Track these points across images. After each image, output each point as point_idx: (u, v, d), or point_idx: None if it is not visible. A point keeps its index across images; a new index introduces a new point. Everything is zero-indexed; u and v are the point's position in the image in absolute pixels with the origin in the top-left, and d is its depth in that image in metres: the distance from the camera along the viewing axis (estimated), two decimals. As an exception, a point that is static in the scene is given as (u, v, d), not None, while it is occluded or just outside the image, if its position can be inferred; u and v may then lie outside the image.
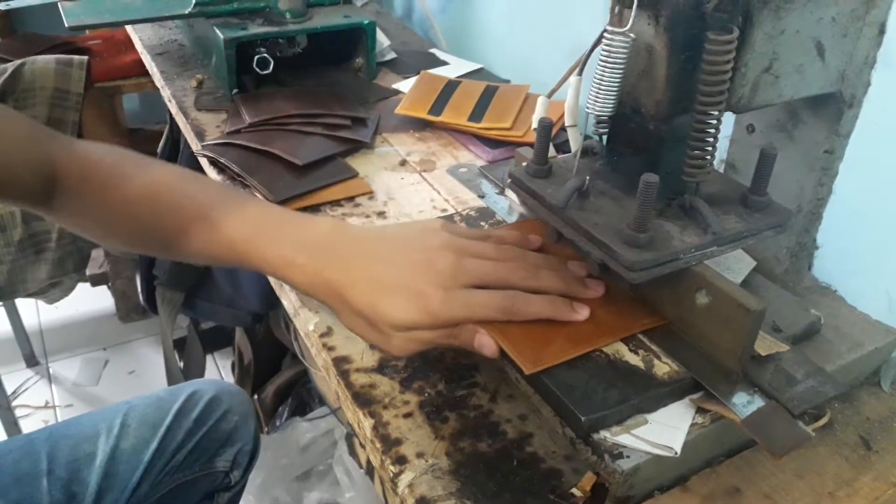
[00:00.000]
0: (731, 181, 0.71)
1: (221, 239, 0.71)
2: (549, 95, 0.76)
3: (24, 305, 2.27)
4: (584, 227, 0.64)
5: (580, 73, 0.69)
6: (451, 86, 1.25)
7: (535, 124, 0.71)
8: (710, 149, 0.62)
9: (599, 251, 0.62)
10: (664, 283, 0.63)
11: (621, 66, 0.61)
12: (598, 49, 0.63)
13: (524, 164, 0.71)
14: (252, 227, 0.70)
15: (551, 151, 0.71)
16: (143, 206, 0.75)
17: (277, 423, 1.83)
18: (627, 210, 0.64)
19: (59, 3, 1.28)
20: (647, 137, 0.65)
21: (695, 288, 0.62)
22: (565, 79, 0.72)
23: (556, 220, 0.67)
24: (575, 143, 0.72)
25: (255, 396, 1.87)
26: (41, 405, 2.20)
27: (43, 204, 0.76)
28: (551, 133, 0.70)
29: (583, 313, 0.66)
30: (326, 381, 0.75)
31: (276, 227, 0.70)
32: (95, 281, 2.30)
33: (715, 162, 0.65)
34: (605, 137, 0.70)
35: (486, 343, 0.63)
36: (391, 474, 0.62)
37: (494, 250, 0.68)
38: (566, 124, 0.72)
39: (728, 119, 0.66)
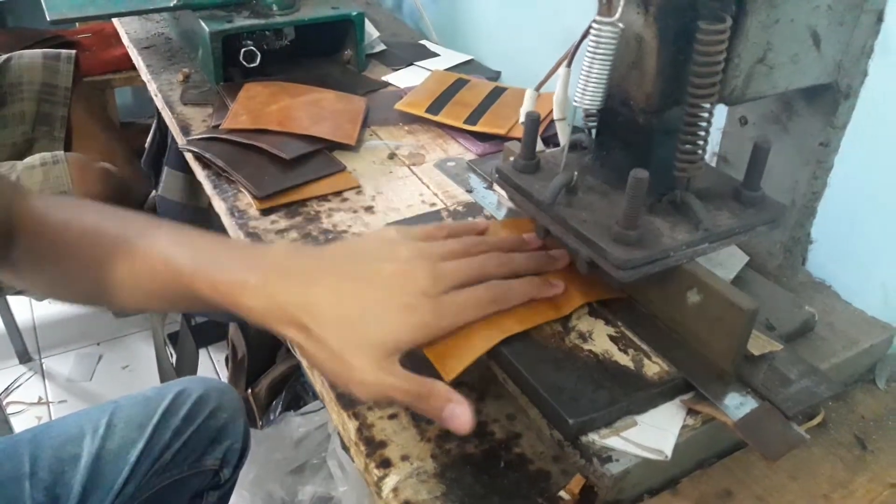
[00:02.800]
0: (724, 175, 0.69)
1: (167, 271, 0.63)
2: (538, 88, 0.75)
3: (17, 301, 2.25)
4: (572, 225, 0.62)
5: (569, 65, 0.67)
6: (457, 84, 1.23)
7: (522, 118, 0.70)
8: (701, 142, 0.60)
9: (588, 249, 0.61)
10: (654, 282, 0.62)
11: (610, 58, 0.59)
12: (586, 40, 0.62)
13: (512, 158, 0.70)
14: (199, 256, 0.63)
15: (539, 145, 0.70)
16: (84, 251, 0.69)
17: (271, 418, 1.82)
18: (616, 206, 0.62)
19: (41, -3, 1.26)
20: (636, 131, 0.63)
21: (686, 287, 0.61)
22: (554, 71, 0.70)
23: (543, 216, 0.65)
24: (564, 137, 0.71)
25: (249, 391, 1.86)
26: (34, 401, 2.19)
27: (1, 257, 0.71)
28: (539, 127, 0.68)
29: (560, 286, 0.65)
30: (312, 379, 0.74)
31: (226, 252, 0.64)
32: (88, 276, 2.29)
33: (707, 155, 0.64)
34: (594, 131, 0.68)
35: (458, 414, 0.55)
36: (375, 478, 0.61)
37: (460, 245, 0.65)
38: (555, 118, 0.71)
39: (720, 111, 0.64)
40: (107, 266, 0.66)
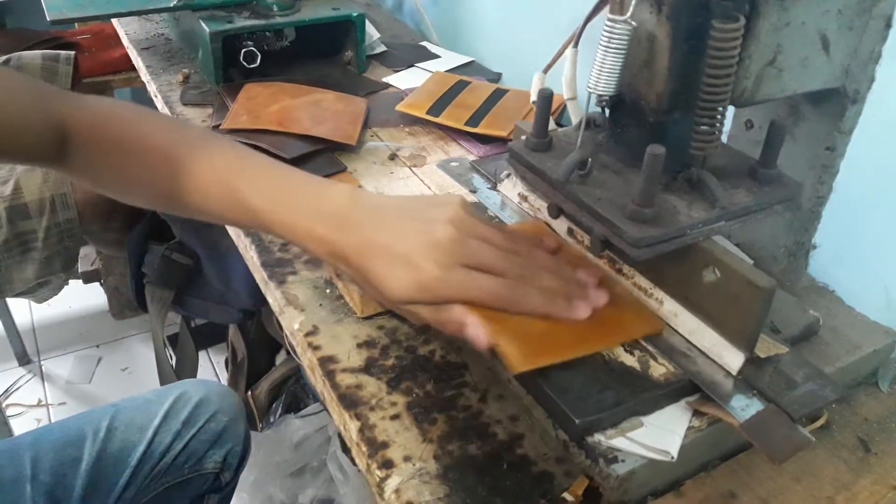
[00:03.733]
0: (740, 154, 0.69)
1: (243, 208, 0.70)
2: (545, 71, 0.74)
3: (17, 303, 2.25)
4: (585, 202, 0.61)
5: (576, 46, 0.66)
6: (459, 86, 1.22)
7: (533, 97, 0.69)
8: (719, 119, 0.60)
9: (602, 227, 0.60)
10: (670, 260, 0.61)
11: (622, 51, 0.59)
12: (592, 23, 0.61)
13: (524, 137, 0.69)
14: (273, 197, 0.70)
15: (551, 125, 0.69)
16: (160, 170, 0.73)
17: (271, 420, 1.82)
18: (632, 184, 0.61)
19: (41, -3, 1.25)
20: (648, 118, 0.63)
21: (702, 265, 0.60)
22: (561, 53, 0.69)
23: (556, 195, 0.65)
24: (575, 115, 0.70)
25: (249, 393, 1.86)
26: (34, 404, 2.19)
27: (57, 163, 0.75)
28: (551, 105, 0.67)
29: (582, 312, 0.63)
30: (313, 379, 0.73)
31: (296, 196, 0.70)
32: (88, 278, 2.28)
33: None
34: (607, 109, 0.68)
35: (477, 335, 0.60)
36: (377, 479, 0.60)
37: (501, 238, 0.65)
38: (565, 97, 0.70)
39: (726, 115, 0.64)
40: (203, 194, 0.73)
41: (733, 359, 0.60)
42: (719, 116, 0.58)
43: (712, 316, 0.61)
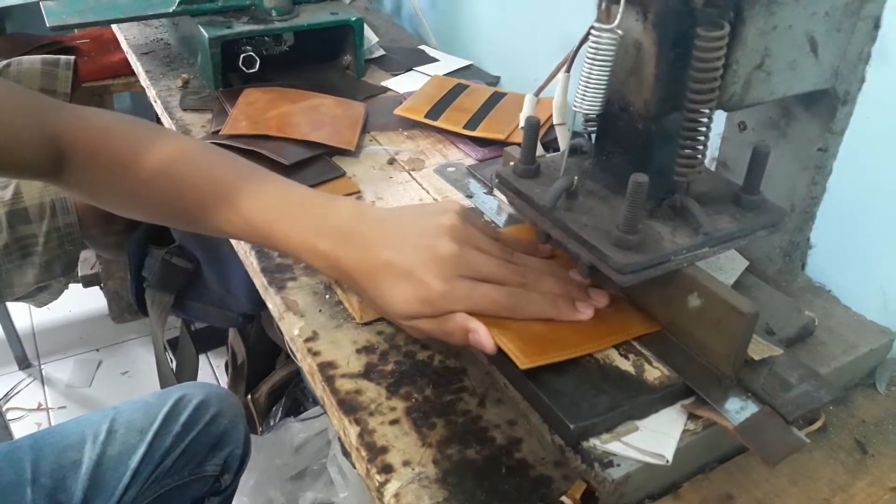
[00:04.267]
0: (723, 180, 0.69)
1: (242, 221, 0.72)
2: (537, 93, 0.75)
3: (17, 307, 2.25)
4: (572, 229, 0.62)
5: (568, 70, 0.67)
6: (457, 90, 1.23)
7: (522, 123, 0.70)
8: (701, 147, 0.61)
9: (589, 253, 0.61)
10: (655, 286, 0.62)
11: (609, 64, 0.59)
12: (585, 46, 0.62)
13: (512, 163, 0.70)
14: (274, 211, 0.71)
15: (539, 150, 0.70)
16: (158, 183, 0.74)
17: (271, 424, 1.82)
18: (617, 210, 0.62)
19: (41, 3, 1.26)
20: (636, 136, 0.63)
21: (686, 290, 0.61)
22: (553, 76, 0.70)
23: (544, 221, 0.65)
24: (564, 141, 0.71)
25: (249, 396, 1.86)
26: (34, 407, 2.19)
27: (54, 177, 0.75)
28: (539, 132, 0.68)
29: (586, 312, 0.65)
30: (313, 384, 0.74)
31: (298, 210, 0.71)
32: (88, 282, 2.29)
33: (706, 160, 0.64)
34: (593, 136, 0.69)
35: (482, 339, 0.61)
36: (377, 483, 0.61)
37: (500, 248, 0.68)
38: (554, 122, 0.71)
39: (719, 116, 0.64)
40: (202, 208, 0.73)
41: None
42: (706, 121, 0.59)
43: (698, 341, 0.62)
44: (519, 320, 0.64)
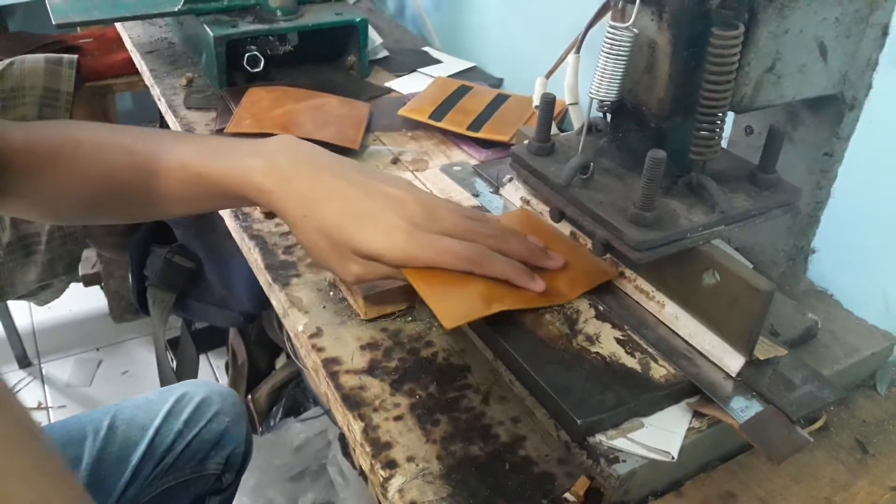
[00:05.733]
0: (739, 159, 0.70)
1: (186, 174, 0.70)
2: (548, 76, 0.75)
3: (17, 306, 2.25)
4: (588, 206, 0.62)
5: (577, 52, 0.67)
6: (460, 91, 1.23)
7: (536, 102, 0.70)
8: (718, 129, 0.61)
9: (604, 230, 0.61)
10: (670, 263, 0.62)
11: (624, 58, 0.60)
12: (593, 29, 0.62)
13: (526, 142, 0.70)
14: (209, 151, 0.70)
15: (553, 129, 0.70)
16: (95, 168, 0.73)
17: (271, 424, 1.82)
18: (633, 188, 0.62)
19: (46, 1, 1.26)
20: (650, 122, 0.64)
21: (702, 268, 0.61)
22: (563, 58, 0.70)
23: (558, 198, 0.66)
24: (577, 120, 0.71)
25: (249, 397, 1.86)
26: (34, 406, 2.19)
27: None
28: (554, 109, 0.68)
29: (540, 284, 0.66)
30: (316, 382, 0.74)
31: (236, 144, 0.71)
32: (88, 281, 2.29)
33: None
34: (609, 114, 0.69)
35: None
36: (381, 479, 0.61)
37: (462, 210, 0.70)
38: (567, 103, 0.71)
39: (726, 121, 0.65)
40: (129, 177, 0.72)
41: (733, 361, 0.61)
42: (719, 122, 0.59)
43: (712, 319, 0.62)
44: (451, 274, 0.64)
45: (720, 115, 0.59)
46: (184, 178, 0.70)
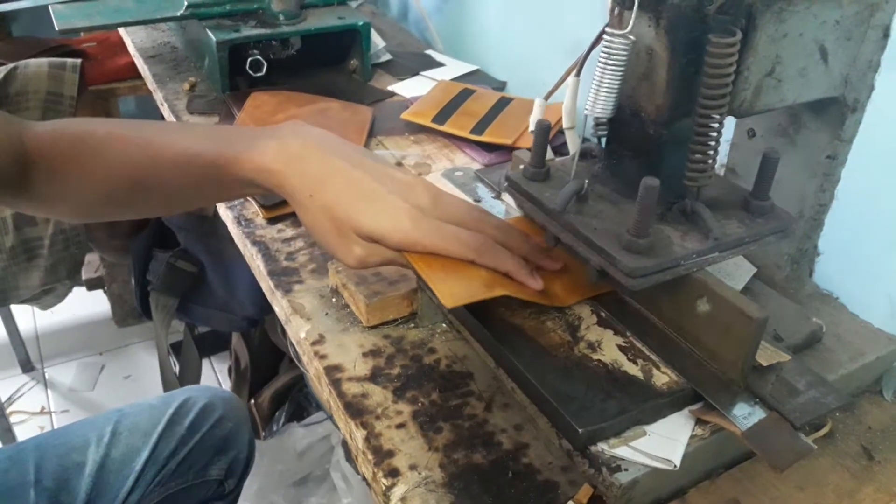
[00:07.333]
0: (733, 185, 0.69)
1: (200, 161, 0.69)
2: (547, 97, 0.75)
3: (20, 310, 2.25)
4: (582, 232, 0.62)
5: (578, 75, 0.67)
6: (463, 94, 1.23)
7: (532, 127, 0.70)
8: (711, 152, 0.61)
9: (598, 257, 0.61)
10: (664, 291, 0.62)
11: (621, 68, 0.60)
12: (596, 50, 0.62)
13: (521, 167, 0.70)
14: (221, 138, 0.70)
15: (549, 154, 0.70)
16: (116, 158, 0.73)
17: (274, 429, 1.82)
18: (627, 214, 0.62)
19: (49, 6, 1.26)
20: (647, 140, 0.63)
21: (695, 295, 0.61)
22: (563, 80, 0.70)
23: (553, 224, 0.65)
24: (573, 145, 0.71)
25: (252, 401, 1.86)
26: (37, 411, 2.19)
27: (21, 190, 0.74)
28: (549, 135, 0.68)
29: (539, 283, 0.66)
30: (319, 389, 0.74)
31: (247, 131, 0.71)
32: (91, 285, 2.29)
33: (716, 166, 0.64)
34: (603, 140, 0.69)
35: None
36: (383, 487, 0.61)
37: (467, 204, 0.69)
38: (564, 126, 0.71)
39: (729, 123, 0.65)
40: (141, 171, 0.72)
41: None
42: (717, 125, 0.59)
43: (706, 346, 0.62)
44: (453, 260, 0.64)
45: (718, 118, 0.59)
46: (197, 165, 0.70)
